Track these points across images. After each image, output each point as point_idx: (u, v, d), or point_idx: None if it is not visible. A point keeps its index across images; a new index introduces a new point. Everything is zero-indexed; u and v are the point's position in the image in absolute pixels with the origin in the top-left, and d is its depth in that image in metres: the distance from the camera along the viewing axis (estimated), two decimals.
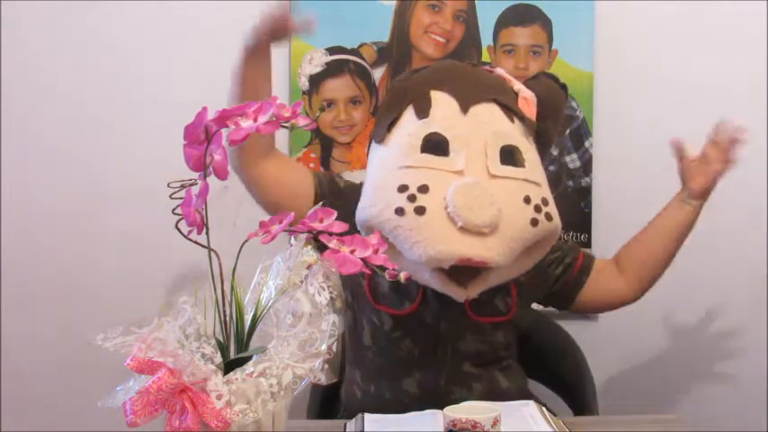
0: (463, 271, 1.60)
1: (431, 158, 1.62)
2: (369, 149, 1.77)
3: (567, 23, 2.35)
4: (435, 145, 1.63)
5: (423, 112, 1.67)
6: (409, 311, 1.72)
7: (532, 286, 1.83)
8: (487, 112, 1.68)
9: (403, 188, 1.58)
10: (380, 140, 1.70)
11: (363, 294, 1.76)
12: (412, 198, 1.56)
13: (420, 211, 1.55)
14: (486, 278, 1.62)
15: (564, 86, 1.81)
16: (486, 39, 2.36)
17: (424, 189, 1.57)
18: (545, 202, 1.63)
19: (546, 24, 2.35)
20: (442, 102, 1.68)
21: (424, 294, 1.72)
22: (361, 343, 1.79)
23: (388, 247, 1.56)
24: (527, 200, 1.60)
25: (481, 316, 1.75)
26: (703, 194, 1.85)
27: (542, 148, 1.74)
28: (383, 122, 1.72)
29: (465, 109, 1.67)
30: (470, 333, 1.75)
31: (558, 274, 1.86)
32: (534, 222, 1.59)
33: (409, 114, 1.69)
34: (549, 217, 1.62)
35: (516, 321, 1.82)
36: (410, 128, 1.66)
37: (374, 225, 1.57)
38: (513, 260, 1.60)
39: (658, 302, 2.39)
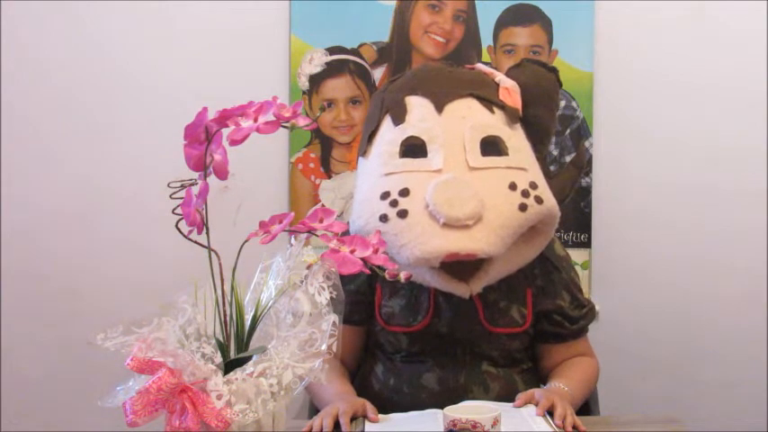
0: (463, 267, 1.60)
1: (410, 162, 1.63)
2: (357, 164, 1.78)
3: (567, 23, 2.35)
4: (413, 148, 1.64)
5: (399, 118, 1.68)
6: (423, 325, 1.71)
7: (546, 305, 1.77)
8: (464, 108, 1.68)
9: (385, 195, 1.59)
10: (363, 153, 1.73)
11: (375, 319, 1.76)
12: (394, 203, 1.58)
13: (402, 214, 1.56)
14: (486, 271, 1.62)
15: (553, 70, 1.78)
16: (486, 39, 2.36)
17: (404, 192, 1.58)
18: (533, 185, 1.62)
19: (546, 24, 2.35)
20: (416, 105, 1.69)
21: (436, 305, 1.71)
22: (380, 346, 1.78)
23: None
24: (512, 186, 1.60)
25: (497, 327, 1.73)
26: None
27: (539, 135, 1.73)
28: (364, 135, 1.74)
29: (440, 108, 1.67)
30: (486, 342, 1.73)
31: (559, 317, 1.78)
32: (522, 207, 1.59)
33: (387, 123, 1.70)
34: (539, 200, 1.61)
35: (532, 332, 1.78)
36: (388, 136, 1.68)
37: (363, 236, 1.57)
38: (507, 248, 1.59)
39: (659, 303, 2.40)
